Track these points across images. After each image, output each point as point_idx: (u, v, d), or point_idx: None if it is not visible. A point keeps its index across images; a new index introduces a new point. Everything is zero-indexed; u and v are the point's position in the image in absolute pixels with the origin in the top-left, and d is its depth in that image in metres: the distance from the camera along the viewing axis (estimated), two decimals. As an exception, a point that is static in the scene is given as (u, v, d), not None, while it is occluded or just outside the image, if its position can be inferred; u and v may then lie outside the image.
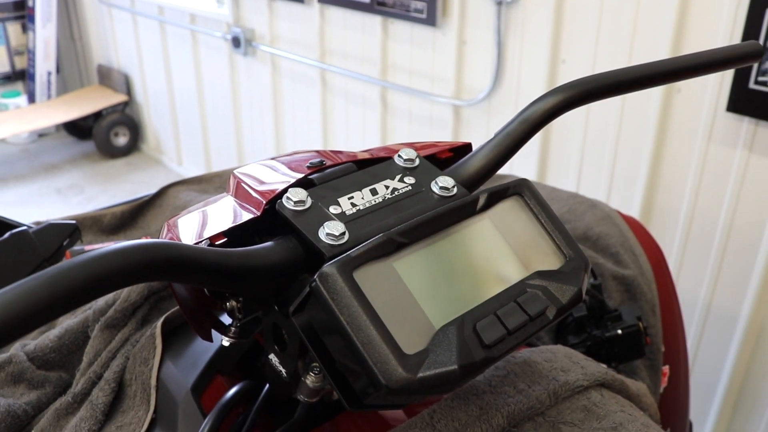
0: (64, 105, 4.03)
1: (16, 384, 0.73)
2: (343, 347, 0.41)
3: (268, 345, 0.53)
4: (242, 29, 2.89)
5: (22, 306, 0.30)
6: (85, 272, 0.32)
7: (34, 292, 0.31)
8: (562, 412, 0.55)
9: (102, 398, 0.67)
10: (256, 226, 0.51)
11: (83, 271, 0.32)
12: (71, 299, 0.32)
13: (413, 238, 0.44)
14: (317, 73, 2.65)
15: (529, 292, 0.46)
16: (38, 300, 0.31)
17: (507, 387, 0.56)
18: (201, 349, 0.68)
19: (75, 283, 0.32)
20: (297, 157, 0.59)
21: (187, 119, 3.61)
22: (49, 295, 0.31)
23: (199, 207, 0.56)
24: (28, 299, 0.31)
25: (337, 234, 0.44)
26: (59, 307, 0.31)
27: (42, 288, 0.31)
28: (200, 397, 0.63)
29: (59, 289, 0.31)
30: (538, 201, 0.51)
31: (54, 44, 4.12)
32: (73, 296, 0.32)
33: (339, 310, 0.39)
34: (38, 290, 0.31)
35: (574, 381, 0.58)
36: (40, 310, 0.31)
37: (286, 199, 0.47)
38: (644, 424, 0.57)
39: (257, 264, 0.43)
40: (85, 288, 0.32)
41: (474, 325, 0.42)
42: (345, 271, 0.40)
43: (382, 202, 0.49)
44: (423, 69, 2.25)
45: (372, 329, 0.39)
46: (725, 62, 0.64)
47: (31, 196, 3.65)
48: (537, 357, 0.61)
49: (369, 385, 0.40)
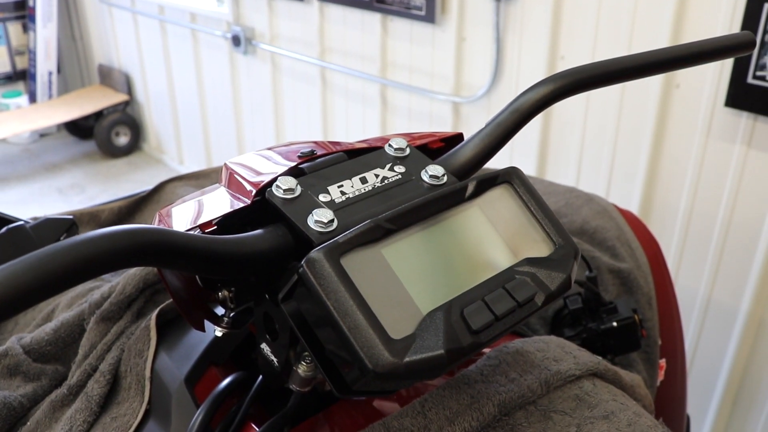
0: (65, 105, 4.03)
1: (12, 376, 0.74)
2: (330, 333, 0.41)
3: (259, 334, 0.53)
4: (242, 28, 2.89)
5: (9, 288, 0.30)
6: (72, 255, 0.32)
7: (21, 274, 0.31)
8: (554, 401, 0.55)
9: (97, 390, 0.68)
10: (248, 216, 0.51)
11: (70, 254, 0.33)
12: (58, 282, 0.32)
13: (401, 224, 0.44)
14: (317, 71, 2.66)
15: (518, 278, 0.46)
16: (25, 282, 0.31)
17: (499, 376, 0.56)
18: (195, 340, 0.68)
19: (62, 266, 0.32)
20: (289, 148, 0.59)
21: (188, 118, 3.61)
22: (35, 278, 0.31)
23: (192, 197, 0.56)
24: (15, 281, 0.31)
25: (325, 221, 0.44)
26: (46, 289, 0.32)
27: (29, 270, 0.31)
28: (194, 387, 0.63)
29: (46, 271, 0.32)
30: (528, 189, 0.51)
31: (55, 44, 4.13)
32: (59, 279, 0.32)
33: (326, 296, 0.39)
34: (25, 272, 0.31)
35: (566, 370, 0.58)
36: (27, 292, 0.31)
37: (276, 188, 0.47)
38: (636, 413, 0.57)
39: (245, 251, 0.43)
40: (71, 271, 0.33)
41: (461, 311, 0.42)
42: (332, 256, 0.40)
43: (372, 191, 0.49)
44: (422, 66, 2.25)
45: (358, 314, 0.39)
46: (718, 52, 0.64)
47: (33, 196, 3.65)
48: (529, 347, 0.61)
49: (356, 370, 0.40)
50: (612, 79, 0.59)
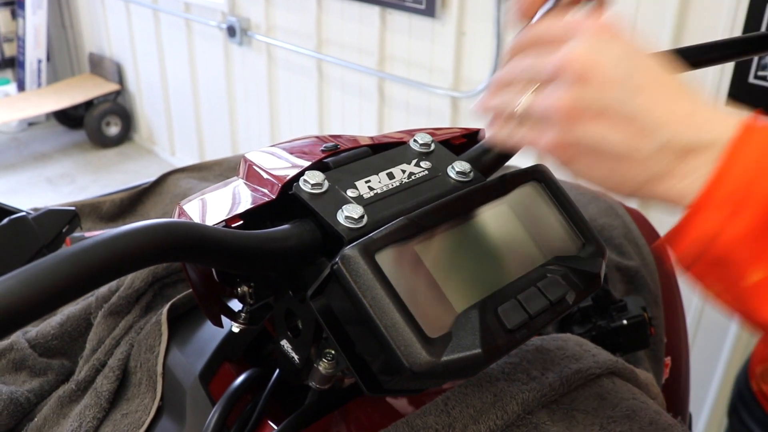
0: (54, 93, 3.98)
1: (17, 371, 0.72)
2: (364, 331, 0.40)
3: (280, 331, 0.53)
4: (238, 18, 2.86)
5: (46, 284, 0.29)
6: (109, 250, 0.32)
7: (57, 269, 0.30)
8: (576, 399, 0.55)
9: (106, 386, 0.66)
10: (269, 210, 0.50)
11: (107, 249, 0.32)
12: (95, 277, 0.31)
13: (434, 221, 0.43)
14: (314, 64, 2.64)
15: (549, 277, 0.45)
16: (60, 278, 0.30)
17: (520, 374, 0.56)
18: (208, 335, 0.67)
19: (98, 261, 0.31)
20: (309, 142, 0.58)
21: (181, 109, 3.58)
22: (71, 274, 0.30)
23: (210, 190, 0.55)
24: (52, 277, 0.30)
25: (356, 217, 0.44)
26: (83, 285, 0.31)
27: (65, 266, 0.30)
28: (208, 384, 0.62)
29: (82, 267, 0.31)
30: (555, 186, 0.51)
31: (44, 31, 4.06)
32: (95, 275, 0.31)
33: (362, 293, 0.39)
34: (61, 268, 0.30)
35: (586, 369, 0.58)
36: (64, 289, 0.30)
37: (303, 182, 0.46)
38: (656, 411, 0.57)
39: (276, 246, 0.42)
40: (107, 266, 0.32)
41: (496, 309, 0.41)
42: (367, 253, 0.39)
43: (399, 186, 0.48)
44: (421, 60, 2.24)
45: (395, 312, 0.38)
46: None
47: (22, 186, 3.61)
48: (549, 345, 0.60)
49: (391, 369, 0.39)
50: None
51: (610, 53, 0.39)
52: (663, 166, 0.38)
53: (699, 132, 0.37)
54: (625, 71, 0.38)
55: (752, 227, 0.35)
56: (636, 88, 0.38)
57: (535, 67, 0.42)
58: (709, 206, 0.36)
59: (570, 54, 0.39)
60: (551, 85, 0.40)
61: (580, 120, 0.38)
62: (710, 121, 0.37)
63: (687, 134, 0.37)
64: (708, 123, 0.37)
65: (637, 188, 0.39)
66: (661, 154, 0.38)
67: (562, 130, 0.39)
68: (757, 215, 0.35)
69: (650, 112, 0.38)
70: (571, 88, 0.39)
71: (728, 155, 0.36)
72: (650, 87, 0.38)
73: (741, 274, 0.37)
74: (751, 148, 0.36)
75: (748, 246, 0.36)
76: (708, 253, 0.37)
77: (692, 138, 0.37)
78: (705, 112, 0.38)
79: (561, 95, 0.39)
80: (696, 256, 0.38)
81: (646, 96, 0.38)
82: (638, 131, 0.38)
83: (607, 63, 0.38)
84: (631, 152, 0.38)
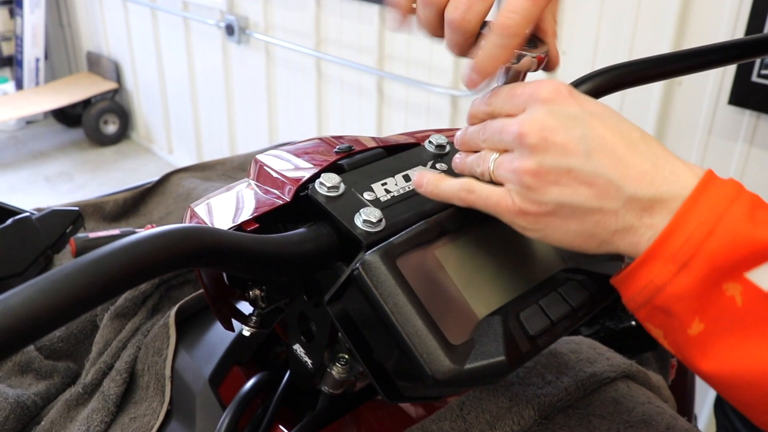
0: (52, 92, 3.96)
1: (23, 374, 0.71)
2: (383, 337, 0.39)
3: (293, 335, 0.52)
4: (236, 17, 2.85)
5: (66, 293, 0.29)
6: (129, 256, 0.31)
7: (75, 278, 0.29)
8: (592, 404, 0.54)
9: (114, 389, 0.66)
10: (281, 212, 0.49)
11: (125, 256, 0.31)
12: (113, 286, 0.30)
13: (455, 225, 0.43)
14: (312, 62, 2.63)
15: (570, 282, 0.45)
16: (79, 287, 0.29)
17: (535, 378, 0.55)
18: (216, 338, 0.66)
19: (116, 270, 0.30)
20: (315, 144, 0.57)
21: (179, 108, 3.56)
22: (90, 283, 0.30)
23: (220, 192, 0.54)
24: (70, 286, 0.29)
25: (374, 221, 0.43)
26: (101, 294, 0.30)
27: (83, 275, 0.30)
28: (218, 388, 0.62)
29: (101, 275, 0.30)
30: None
31: (42, 30, 4.05)
32: (114, 283, 0.30)
33: (383, 300, 0.38)
34: (78, 277, 0.29)
35: (601, 372, 0.57)
36: (82, 298, 0.29)
37: (319, 185, 0.46)
38: (672, 416, 0.56)
39: (293, 251, 0.41)
40: (126, 274, 0.31)
41: (518, 315, 0.41)
42: (389, 259, 0.39)
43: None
44: (420, 59, 2.23)
45: (417, 319, 0.37)
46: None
47: (20, 184, 3.59)
48: (562, 348, 0.60)
49: (413, 376, 0.39)
50: (652, 77, 0.58)
51: (565, 117, 0.40)
52: (629, 218, 0.39)
53: (659, 188, 0.38)
54: (580, 134, 0.39)
55: (696, 283, 0.37)
56: (591, 150, 0.39)
57: (494, 137, 0.43)
58: (658, 259, 0.38)
59: (525, 124, 0.40)
60: (513, 153, 0.41)
61: (545, 183, 0.39)
62: (668, 178, 0.38)
63: (647, 190, 0.38)
64: (666, 180, 0.38)
65: (604, 241, 0.40)
66: (627, 207, 0.39)
67: (528, 194, 0.40)
68: (702, 272, 0.36)
69: (608, 172, 0.38)
70: (532, 156, 0.40)
71: (681, 213, 0.37)
72: (605, 149, 0.39)
73: (683, 324, 0.38)
74: (703, 206, 0.37)
75: (692, 300, 0.37)
76: (653, 302, 0.39)
77: (654, 193, 0.38)
78: (663, 168, 0.39)
79: (523, 163, 0.40)
80: (642, 302, 0.39)
81: (602, 157, 0.39)
82: (601, 189, 0.39)
83: (561, 128, 0.39)
84: (600, 206, 0.39)
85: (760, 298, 0.36)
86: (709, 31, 1.56)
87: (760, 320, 0.36)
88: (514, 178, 0.40)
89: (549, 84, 0.42)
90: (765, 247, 0.36)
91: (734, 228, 0.36)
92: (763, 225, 0.36)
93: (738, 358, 0.37)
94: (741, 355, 0.37)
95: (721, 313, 0.37)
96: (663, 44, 1.63)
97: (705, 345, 0.38)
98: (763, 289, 0.36)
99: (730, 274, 0.36)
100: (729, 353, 0.37)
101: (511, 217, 0.41)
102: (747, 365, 0.37)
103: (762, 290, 0.36)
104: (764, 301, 0.36)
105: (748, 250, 0.36)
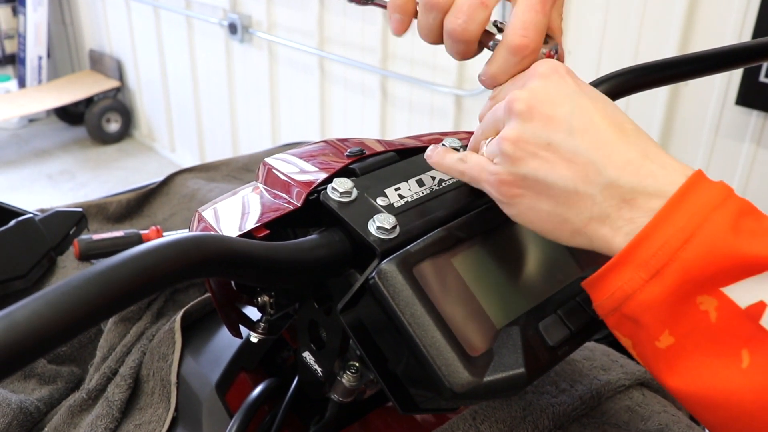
0: (55, 90, 3.95)
1: (26, 379, 0.71)
2: (399, 348, 0.38)
3: (303, 342, 0.51)
4: (239, 15, 2.84)
5: (74, 306, 0.27)
6: (140, 265, 0.30)
7: (85, 290, 0.28)
8: (607, 412, 0.53)
9: (118, 395, 0.65)
10: (291, 217, 0.48)
11: (136, 265, 0.30)
12: (123, 297, 0.29)
13: (471, 232, 0.41)
14: (315, 61, 2.62)
15: None
16: (89, 299, 0.28)
17: (549, 386, 0.54)
18: (222, 344, 0.65)
19: (126, 280, 0.29)
20: (328, 146, 0.56)
21: (181, 106, 3.55)
22: (100, 294, 0.28)
23: (227, 196, 0.53)
24: (79, 298, 0.28)
25: (388, 227, 0.42)
26: (111, 306, 0.29)
27: (92, 286, 0.28)
28: (225, 395, 0.61)
29: (111, 286, 0.29)
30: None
31: (45, 28, 4.04)
32: (124, 294, 0.29)
33: (400, 310, 0.37)
34: (88, 288, 0.28)
35: (615, 380, 0.56)
36: (92, 311, 0.28)
37: (332, 190, 0.44)
38: (688, 425, 0.55)
39: (305, 258, 0.40)
40: (137, 284, 0.30)
41: (537, 325, 0.40)
42: (405, 268, 0.37)
43: (430, 194, 0.47)
44: (424, 58, 2.22)
45: (436, 330, 0.36)
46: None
47: (22, 182, 3.58)
48: (575, 355, 0.59)
49: (430, 388, 0.38)
50: (668, 79, 0.57)
51: (557, 92, 0.39)
52: (607, 207, 0.37)
53: (642, 180, 0.36)
54: (568, 110, 0.38)
55: (667, 294, 0.34)
56: (575, 128, 0.38)
57: (488, 118, 0.43)
58: (630, 264, 0.36)
59: (516, 93, 0.40)
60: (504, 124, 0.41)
61: (524, 153, 0.39)
62: (654, 172, 0.36)
63: (630, 179, 0.36)
64: (652, 174, 0.36)
65: (577, 231, 0.38)
66: (605, 193, 0.37)
67: (507, 163, 0.39)
68: (675, 283, 0.34)
69: (589, 153, 0.37)
70: (516, 124, 0.39)
71: (660, 215, 0.35)
72: (590, 129, 0.38)
73: (651, 336, 0.36)
74: (684, 211, 0.35)
75: (662, 311, 0.35)
76: (621, 310, 0.37)
77: (636, 184, 0.36)
78: (651, 161, 0.37)
79: (506, 131, 0.40)
80: (611, 309, 0.37)
81: (586, 137, 0.38)
82: (580, 169, 0.37)
83: (551, 101, 0.39)
84: (576, 187, 0.37)
85: (737, 316, 0.34)
86: (716, 33, 1.55)
87: (735, 339, 0.34)
88: (496, 146, 0.40)
89: (548, 62, 0.42)
90: (746, 261, 0.33)
91: (714, 238, 0.34)
92: (747, 236, 0.34)
93: (708, 378, 0.34)
94: (711, 375, 0.34)
95: (692, 328, 0.34)
96: (669, 45, 1.62)
97: (674, 360, 0.35)
98: (740, 306, 0.34)
99: (705, 288, 0.34)
100: (698, 371, 0.35)
101: (488, 186, 0.41)
102: (716, 385, 0.34)
103: (739, 307, 0.34)
104: (740, 319, 0.34)
105: (726, 263, 0.33)
